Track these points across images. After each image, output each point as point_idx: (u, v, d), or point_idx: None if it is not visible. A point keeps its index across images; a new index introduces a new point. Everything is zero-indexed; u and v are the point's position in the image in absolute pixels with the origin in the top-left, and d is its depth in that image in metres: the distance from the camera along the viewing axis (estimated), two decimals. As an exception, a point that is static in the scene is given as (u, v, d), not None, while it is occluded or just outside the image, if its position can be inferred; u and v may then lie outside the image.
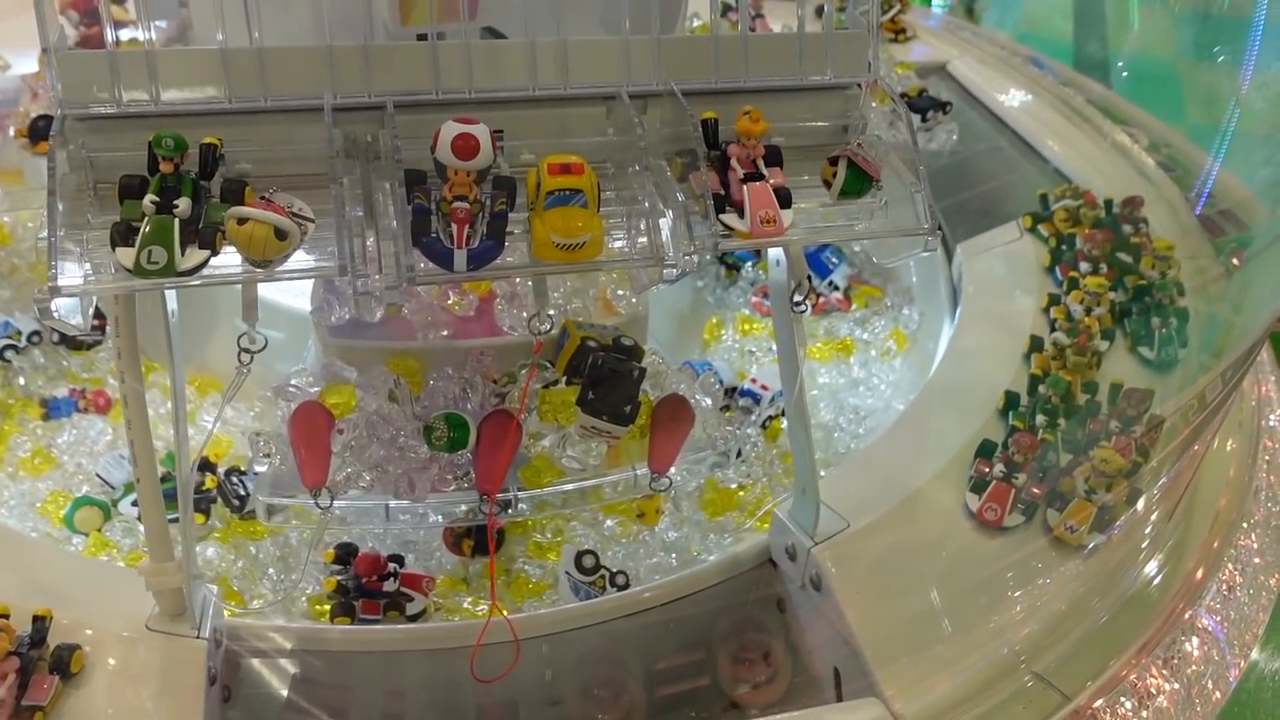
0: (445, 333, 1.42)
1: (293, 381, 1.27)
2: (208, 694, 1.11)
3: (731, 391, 1.84)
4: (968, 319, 1.82)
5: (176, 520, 1.13)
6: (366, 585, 1.39)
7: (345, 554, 1.43)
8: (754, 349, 2.02)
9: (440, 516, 1.31)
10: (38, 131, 1.82)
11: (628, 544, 1.56)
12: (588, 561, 1.45)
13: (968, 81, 2.58)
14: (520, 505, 1.29)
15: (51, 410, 1.75)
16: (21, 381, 1.78)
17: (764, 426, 1.76)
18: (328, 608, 1.39)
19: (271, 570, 1.50)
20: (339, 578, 1.40)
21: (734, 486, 1.66)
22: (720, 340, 2.07)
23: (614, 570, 1.45)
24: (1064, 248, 1.91)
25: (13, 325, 1.79)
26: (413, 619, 1.38)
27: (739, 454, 1.67)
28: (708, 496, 1.64)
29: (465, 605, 1.46)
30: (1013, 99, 2.49)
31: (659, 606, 1.38)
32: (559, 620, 1.33)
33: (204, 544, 1.51)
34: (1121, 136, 2.37)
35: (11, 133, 1.85)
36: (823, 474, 1.35)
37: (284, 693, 1.23)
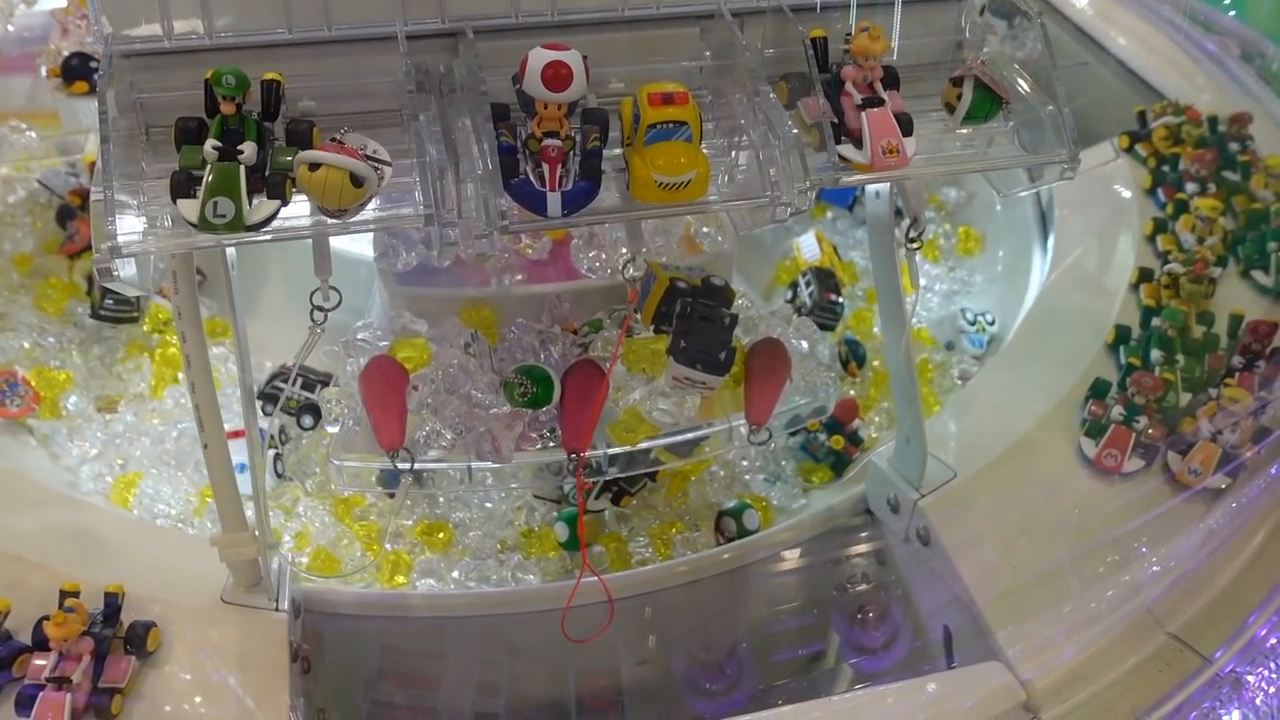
0: (519, 277, 1.32)
1: (360, 335, 1.19)
2: (291, 669, 1.05)
3: None
4: (1063, 247, 1.70)
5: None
6: (846, 428, 1.52)
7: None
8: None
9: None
10: (71, 70, 1.71)
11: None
12: None
13: (1046, -9, 2.41)
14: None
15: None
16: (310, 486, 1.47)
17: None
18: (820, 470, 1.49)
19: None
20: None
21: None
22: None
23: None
24: (1165, 168, 1.78)
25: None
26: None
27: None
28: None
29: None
30: (1096, 9, 2.32)
31: (751, 564, 1.31)
32: (650, 580, 1.26)
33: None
34: (1212, 47, 2.21)
35: (44, 72, 1.74)
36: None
37: (366, 660, 1.17)
